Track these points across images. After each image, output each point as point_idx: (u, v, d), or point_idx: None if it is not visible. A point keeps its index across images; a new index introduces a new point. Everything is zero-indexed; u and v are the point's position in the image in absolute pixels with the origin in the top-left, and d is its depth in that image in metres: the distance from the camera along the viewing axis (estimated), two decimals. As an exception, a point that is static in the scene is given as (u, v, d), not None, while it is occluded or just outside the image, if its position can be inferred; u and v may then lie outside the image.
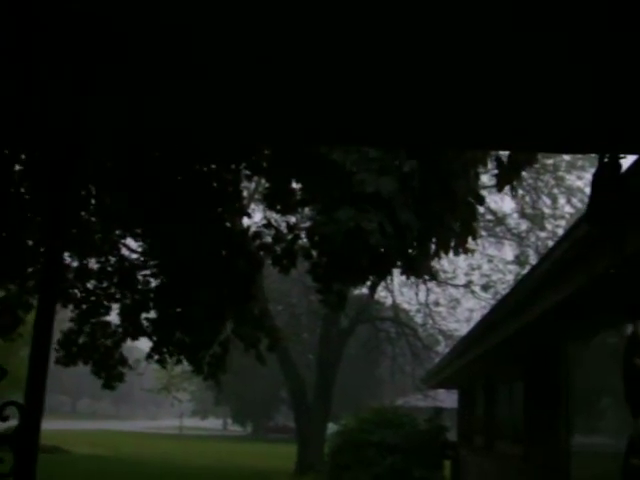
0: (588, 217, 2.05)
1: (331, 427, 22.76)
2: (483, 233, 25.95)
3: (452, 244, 6.95)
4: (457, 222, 6.67)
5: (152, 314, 9.61)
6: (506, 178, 6.37)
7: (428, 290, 27.72)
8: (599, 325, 5.84)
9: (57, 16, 1.71)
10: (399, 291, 35.45)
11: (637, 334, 1.92)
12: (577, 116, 2.06)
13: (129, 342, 10.30)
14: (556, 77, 1.88)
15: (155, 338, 9.50)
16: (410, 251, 6.81)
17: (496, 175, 6.53)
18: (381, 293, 29.77)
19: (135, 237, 9.80)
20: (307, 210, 9.46)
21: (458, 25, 1.68)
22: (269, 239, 8.93)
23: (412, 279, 23.35)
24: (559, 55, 1.80)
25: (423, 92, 2.05)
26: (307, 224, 8.70)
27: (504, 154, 6.35)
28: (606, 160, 2.00)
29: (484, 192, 14.55)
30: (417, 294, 27.98)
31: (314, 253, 7.59)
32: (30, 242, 8.54)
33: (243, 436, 58.24)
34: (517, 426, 9.75)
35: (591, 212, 1.99)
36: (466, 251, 7.70)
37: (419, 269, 7.25)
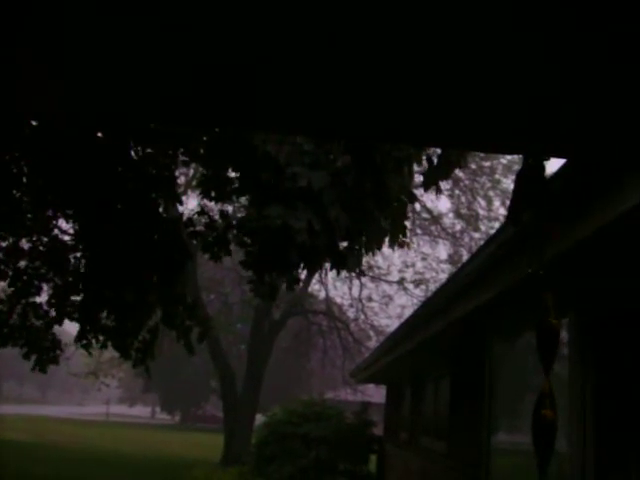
0: (508, 217, 2.07)
1: (259, 418, 22.75)
2: (418, 231, 26.26)
3: (385, 241, 6.99)
4: (388, 219, 6.69)
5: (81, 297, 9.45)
6: (434, 177, 6.41)
7: (362, 285, 27.94)
8: (522, 325, 5.94)
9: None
10: (333, 285, 35.62)
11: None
12: (503, 115, 2.08)
13: (57, 325, 10.12)
14: (485, 74, 1.88)
15: (80, 322, 9.32)
16: (340, 247, 6.83)
17: (424, 174, 6.57)
18: (315, 286, 29.92)
19: (67, 218, 9.61)
20: (243, 199, 9.41)
21: (393, 18, 1.67)
22: (203, 227, 8.85)
23: (345, 274, 23.50)
24: (490, 54, 1.80)
25: (358, 83, 2.03)
26: (243, 214, 8.65)
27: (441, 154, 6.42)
28: (530, 161, 2.02)
29: (420, 191, 14.73)
30: (350, 289, 28.21)
31: (248, 241, 7.56)
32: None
33: (171, 425, 57.83)
34: (442, 423, 9.87)
35: (511, 212, 2.01)
36: (401, 245, 7.75)
37: (349, 264, 7.26)
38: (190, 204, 23.59)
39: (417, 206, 24.43)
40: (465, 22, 1.70)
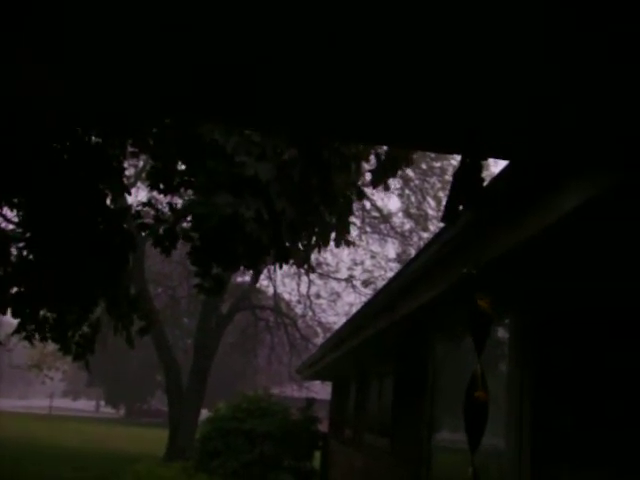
0: (443, 215, 2.09)
1: (205, 413, 22.64)
2: (368, 229, 26.39)
3: (332, 237, 7.01)
4: (333, 215, 6.71)
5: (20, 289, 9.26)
6: (381, 175, 6.44)
7: (310, 282, 27.99)
8: (465, 325, 6.00)
9: None
10: (281, 281, 35.61)
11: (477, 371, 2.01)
12: (443, 114, 2.09)
13: (-1, 316, 9.91)
14: (423, 74, 1.89)
15: (19, 315, 9.13)
16: (286, 241, 6.81)
17: (371, 171, 6.60)
18: (263, 282, 29.91)
19: (11, 207, 9.42)
20: (192, 192, 9.33)
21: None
22: (151, 219, 8.75)
23: (294, 270, 23.50)
24: (430, 54, 1.81)
25: (302, 80, 2.02)
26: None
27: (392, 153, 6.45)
28: (467, 161, 2.03)
29: (371, 189, 14.79)
30: (299, 285, 28.23)
31: (195, 236, 7.50)
32: None
33: (115, 419, 57.25)
34: (386, 420, 9.92)
35: (446, 210, 2.02)
36: (347, 244, 7.77)
37: (294, 259, 7.26)
38: (140, 196, 23.34)
39: (367, 204, 24.56)
40: (412, 27, 1.71)
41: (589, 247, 3.61)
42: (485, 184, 2.80)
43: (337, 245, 7.32)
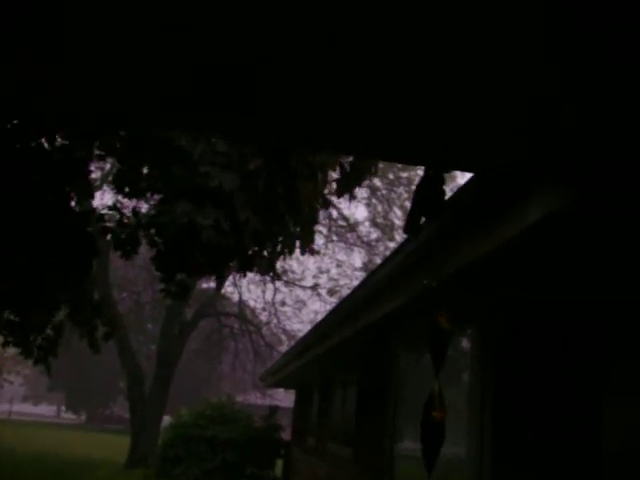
0: (405, 226, 2.10)
1: (168, 420, 22.45)
2: (334, 238, 26.41)
3: (297, 245, 7.00)
4: (298, 224, 6.70)
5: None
6: (347, 184, 6.47)
7: (275, 289, 27.93)
8: (426, 340, 6.01)
9: None
10: (247, 288, 35.49)
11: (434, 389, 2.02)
12: (408, 126, 2.10)
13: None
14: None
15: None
16: (249, 249, 6.80)
17: (337, 180, 6.63)
18: (228, 288, 29.76)
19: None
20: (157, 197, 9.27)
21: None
22: (115, 223, 8.67)
23: (259, 277, 23.44)
24: (397, 65, 1.82)
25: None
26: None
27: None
28: (430, 172, 2.04)
29: (335, 198, 14.79)
30: (264, 292, 28.15)
31: (160, 241, 7.45)
32: None
33: (77, 424, 56.55)
34: (349, 429, 9.92)
35: (408, 221, 2.03)
36: (312, 252, 7.77)
37: (257, 267, 7.24)
38: (106, 199, 23.13)
39: (334, 213, 24.59)
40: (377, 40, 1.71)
41: (550, 260, 3.64)
42: (450, 196, 2.82)
43: (302, 254, 7.33)
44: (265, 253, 7.26)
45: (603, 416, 3.47)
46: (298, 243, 7.11)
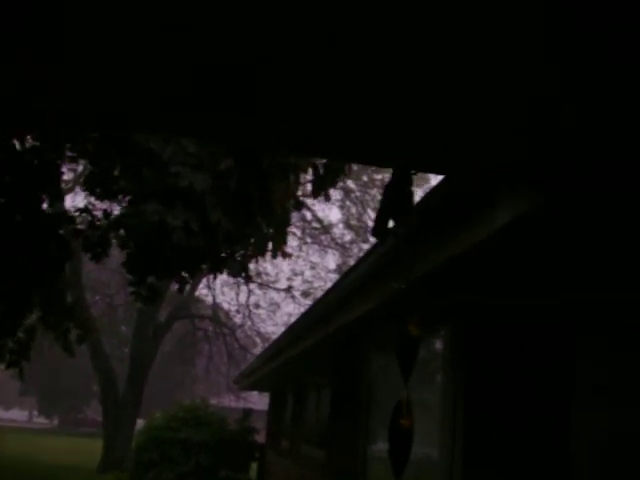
0: (373, 229, 2.10)
1: (141, 423, 22.30)
2: (308, 240, 26.40)
3: (269, 247, 6.99)
4: (270, 226, 6.69)
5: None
6: (321, 185, 6.47)
7: (249, 292, 27.85)
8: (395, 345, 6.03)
9: None
10: (220, 290, 35.35)
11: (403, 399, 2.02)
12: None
13: None
14: (389, 84, 1.90)
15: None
16: (222, 251, 6.77)
17: (311, 182, 6.64)
18: (202, 291, 29.64)
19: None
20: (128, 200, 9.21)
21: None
22: (86, 226, 8.59)
23: (233, 279, 23.37)
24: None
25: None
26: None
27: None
28: (398, 174, 2.04)
29: (311, 200, 14.81)
30: (238, 294, 28.07)
31: (130, 244, 7.40)
32: None
33: (49, 429, 56.01)
34: (322, 431, 9.92)
35: (376, 224, 2.03)
36: (284, 255, 7.76)
37: (230, 269, 7.22)
38: (77, 201, 22.95)
39: (308, 215, 24.59)
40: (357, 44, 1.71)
41: (519, 263, 3.66)
42: (418, 199, 2.83)
43: (274, 256, 7.31)
44: (237, 255, 7.23)
45: (571, 419, 3.50)
46: (270, 245, 7.09)
